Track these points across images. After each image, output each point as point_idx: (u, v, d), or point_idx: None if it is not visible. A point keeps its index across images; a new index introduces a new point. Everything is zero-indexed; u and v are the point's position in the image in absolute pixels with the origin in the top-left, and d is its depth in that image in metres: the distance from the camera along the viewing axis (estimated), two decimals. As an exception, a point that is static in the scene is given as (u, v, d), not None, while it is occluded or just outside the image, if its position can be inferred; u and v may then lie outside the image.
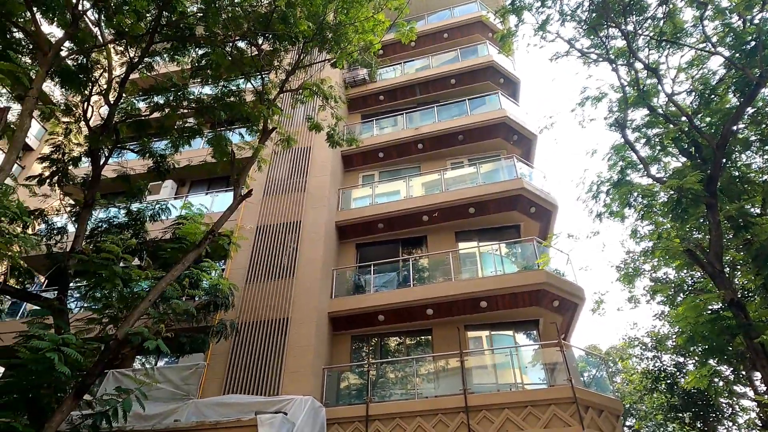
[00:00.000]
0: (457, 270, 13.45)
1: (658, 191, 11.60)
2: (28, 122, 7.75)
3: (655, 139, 12.60)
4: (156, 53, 11.04)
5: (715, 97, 11.40)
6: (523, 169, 15.10)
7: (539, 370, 11.76)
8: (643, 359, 23.57)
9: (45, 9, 9.53)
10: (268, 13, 9.80)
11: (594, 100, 13.54)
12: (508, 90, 18.59)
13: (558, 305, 12.47)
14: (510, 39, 13.62)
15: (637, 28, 12.14)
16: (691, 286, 16.24)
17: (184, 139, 10.96)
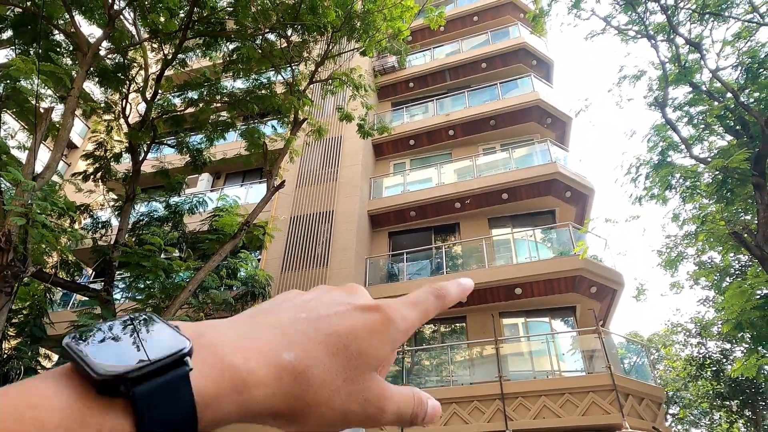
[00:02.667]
0: (491, 257, 13.33)
1: (701, 172, 11.12)
2: (71, 121, 8.07)
3: (698, 117, 12.04)
4: (189, 49, 11.27)
5: (764, 71, 10.78)
6: (558, 152, 14.74)
7: (577, 358, 11.59)
8: (687, 346, 22.89)
9: (83, 10, 9.88)
10: (297, 3, 9.83)
11: (632, 79, 13.02)
12: (540, 72, 18.12)
13: (595, 291, 12.21)
14: (542, 19, 13.24)
15: (678, 1, 11.58)
16: (738, 270, 15.59)
17: (219, 133, 11.20)
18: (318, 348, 0.35)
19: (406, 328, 0.40)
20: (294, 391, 0.33)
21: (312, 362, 0.34)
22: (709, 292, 18.75)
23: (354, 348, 0.36)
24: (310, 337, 0.35)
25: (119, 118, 11.11)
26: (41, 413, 0.24)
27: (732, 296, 9.48)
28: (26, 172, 6.80)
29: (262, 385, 0.31)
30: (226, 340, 0.32)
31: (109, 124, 11.38)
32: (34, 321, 9.60)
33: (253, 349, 0.32)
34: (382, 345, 0.38)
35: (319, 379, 0.34)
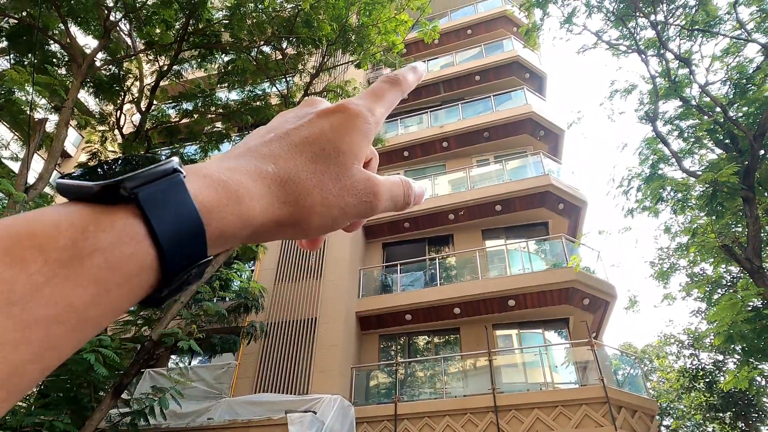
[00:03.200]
0: (485, 268, 13.36)
1: (692, 185, 11.24)
2: (65, 132, 8.07)
3: (689, 131, 12.21)
4: (184, 60, 11.34)
5: (752, 86, 10.97)
6: (551, 165, 14.87)
7: (570, 369, 11.60)
8: (680, 357, 22.95)
9: (79, 21, 9.92)
10: (292, 17, 9.93)
11: (623, 93, 13.20)
12: (533, 85, 18.31)
13: (588, 303, 12.25)
14: (535, 33, 13.41)
15: (667, 17, 11.78)
16: (729, 282, 15.70)
17: (213, 144, 11.22)
18: (296, 157, 0.36)
19: (375, 119, 0.42)
20: (288, 197, 0.34)
21: (295, 169, 0.35)
22: (702, 304, 18.85)
23: (330, 148, 0.37)
24: (285, 150, 0.36)
25: (114, 129, 11.12)
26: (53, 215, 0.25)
27: (723, 309, 9.54)
28: (19, 183, 6.79)
29: (257, 197, 0.32)
30: (212, 167, 0.33)
31: (104, 135, 11.38)
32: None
33: (237, 170, 0.33)
34: (357, 139, 0.39)
35: (308, 183, 0.35)
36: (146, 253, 0.26)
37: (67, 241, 0.24)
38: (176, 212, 0.28)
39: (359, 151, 0.39)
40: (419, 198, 0.46)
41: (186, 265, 0.28)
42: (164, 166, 0.29)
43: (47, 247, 0.23)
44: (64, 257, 0.23)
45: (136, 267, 0.26)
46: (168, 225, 0.27)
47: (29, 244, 0.23)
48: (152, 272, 0.27)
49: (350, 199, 0.38)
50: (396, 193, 0.42)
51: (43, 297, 0.22)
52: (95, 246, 0.24)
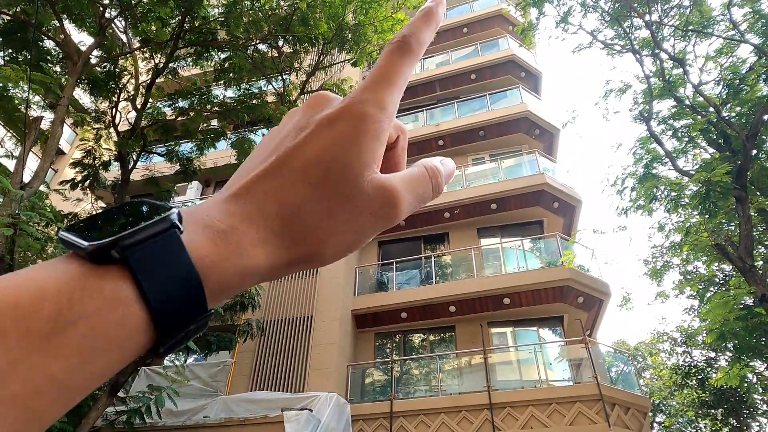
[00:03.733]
0: (480, 266, 13.42)
1: (685, 184, 11.34)
2: (60, 130, 8.05)
3: (682, 130, 12.31)
4: (180, 58, 11.30)
5: (745, 87, 11.07)
6: (546, 163, 14.94)
7: (564, 367, 11.69)
8: (672, 354, 23.16)
9: (74, 18, 9.87)
10: (289, 15, 9.92)
11: (618, 92, 13.29)
12: (529, 84, 18.38)
13: (583, 301, 12.34)
14: (531, 32, 13.47)
15: (662, 17, 11.86)
16: (722, 280, 15.85)
17: (209, 142, 11.20)
18: (299, 187, 0.33)
19: (386, 113, 0.36)
20: (294, 237, 0.32)
21: (299, 202, 0.32)
22: (694, 302, 19.02)
23: (336, 167, 0.33)
24: (287, 180, 0.33)
25: (109, 127, 11.08)
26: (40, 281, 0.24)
27: (715, 307, 9.65)
28: (14, 181, 6.76)
29: (260, 243, 0.30)
30: (213, 213, 0.31)
31: (99, 132, 11.33)
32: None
33: (237, 214, 0.31)
34: (367, 146, 0.34)
35: (314, 216, 0.32)
36: (137, 317, 0.25)
37: (51, 311, 0.23)
38: (171, 272, 0.26)
39: (371, 157, 0.35)
40: (450, 177, 0.42)
41: (183, 324, 0.27)
42: (160, 225, 0.27)
43: (30, 318, 0.22)
44: (47, 329, 0.23)
45: (124, 333, 0.25)
46: (160, 286, 0.26)
47: (11, 315, 0.22)
48: (145, 334, 0.26)
49: (365, 220, 0.34)
50: (421, 192, 0.38)
51: (22, 372, 0.22)
52: (80, 314, 0.24)
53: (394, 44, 0.39)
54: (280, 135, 0.37)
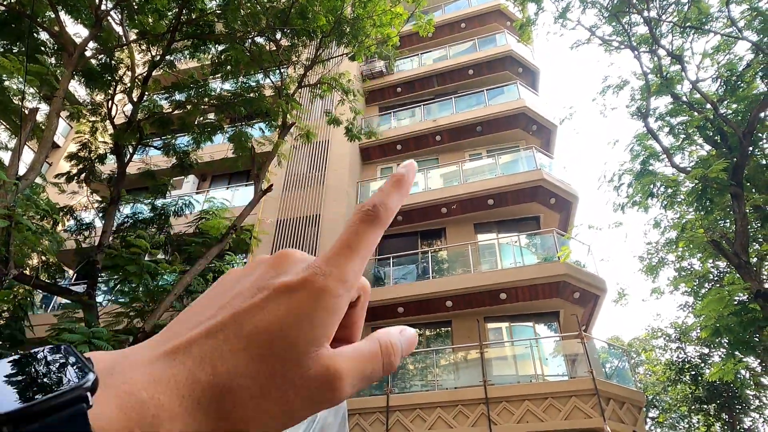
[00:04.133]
0: (477, 262, 13.45)
1: (682, 181, 11.39)
2: (56, 122, 7.98)
3: (679, 127, 12.36)
4: (177, 51, 11.21)
5: (742, 84, 11.11)
6: (543, 159, 14.95)
7: (560, 362, 11.76)
8: (666, 350, 23.31)
9: (70, 9, 9.77)
10: (287, 8, 9.86)
11: (616, 89, 13.32)
12: (526, 79, 18.36)
13: (579, 297, 12.39)
14: (529, 28, 13.47)
15: (660, 14, 11.87)
16: (717, 276, 15.96)
17: (206, 136, 11.15)
18: (239, 356, 0.30)
19: (347, 285, 0.34)
20: (219, 413, 0.29)
21: (234, 374, 0.29)
22: (689, 298, 19.14)
23: (281, 343, 0.31)
24: (229, 346, 0.30)
25: (105, 120, 11.00)
26: None
27: (710, 302, 9.73)
28: (10, 173, 6.70)
29: (179, 418, 0.27)
30: (139, 371, 0.28)
31: (94, 125, 11.25)
32: (15, 324, 9.43)
33: (162, 381, 0.28)
34: (321, 322, 0.32)
35: (247, 391, 0.29)
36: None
37: None
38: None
39: (322, 332, 0.32)
40: (410, 349, 0.38)
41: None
42: (67, 396, 0.24)
43: None
44: None
45: None
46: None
47: None
48: None
49: (299, 401, 0.31)
50: (369, 372, 0.34)
51: None
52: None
53: (363, 213, 0.37)
54: (235, 289, 0.34)
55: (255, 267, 0.36)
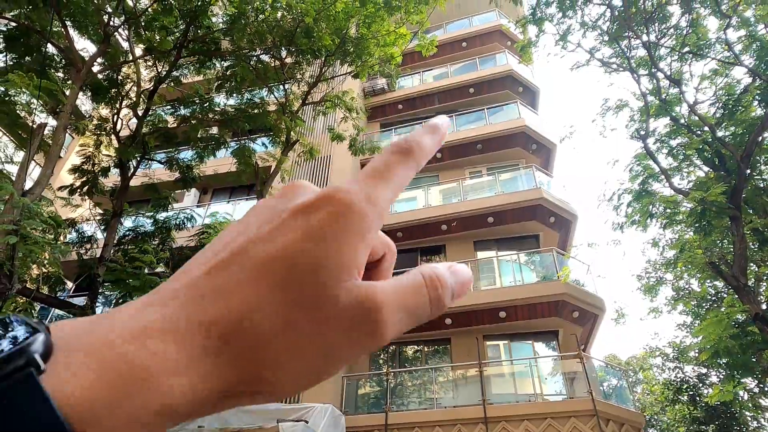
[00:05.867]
0: (476, 279, 13.48)
1: (680, 201, 11.49)
2: (63, 136, 8.06)
3: (678, 149, 12.49)
4: (182, 66, 11.36)
5: (740, 107, 11.27)
6: (542, 178, 15.08)
7: (559, 381, 11.73)
8: (664, 370, 23.24)
9: (78, 26, 9.92)
10: (293, 28, 10.02)
11: (615, 110, 13.48)
12: (526, 99, 18.57)
13: (578, 316, 12.41)
14: (530, 49, 13.66)
15: (659, 37, 12.07)
16: (714, 297, 15.99)
17: (209, 150, 11.24)
18: (251, 287, 0.25)
19: (377, 210, 0.29)
20: (236, 355, 0.24)
21: (249, 308, 0.24)
22: (687, 318, 19.15)
23: (306, 264, 0.25)
24: (237, 277, 0.25)
25: (110, 134, 11.10)
26: None
27: (709, 324, 9.75)
28: (17, 188, 6.76)
29: (182, 370, 0.22)
30: (124, 323, 0.23)
31: (99, 139, 11.34)
32: (14, 337, 9.39)
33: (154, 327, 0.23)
34: (349, 244, 0.27)
35: (267, 326, 0.24)
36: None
37: None
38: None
39: (352, 258, 0.27)
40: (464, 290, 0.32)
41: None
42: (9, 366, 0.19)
43: None
44: None
45: None
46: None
47: None
48: None
49: (336, 337, 0.26)
50: (413, 308, 0.28)
51: None
52: None
53: (396, 146, 0.33)
54: (243, 224, 0.29)
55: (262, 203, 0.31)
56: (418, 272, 0.30)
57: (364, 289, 0.26)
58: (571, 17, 12.60)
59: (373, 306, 0.26)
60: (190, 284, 0.25)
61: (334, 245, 0.26)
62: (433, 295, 0.29)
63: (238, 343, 0.24)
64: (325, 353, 0.25)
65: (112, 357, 0.21)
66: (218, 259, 0.26)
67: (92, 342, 0.22)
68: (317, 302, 0.25)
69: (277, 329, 0.24)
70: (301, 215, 0.27)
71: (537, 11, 12.47)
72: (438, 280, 0.30)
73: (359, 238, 0.27)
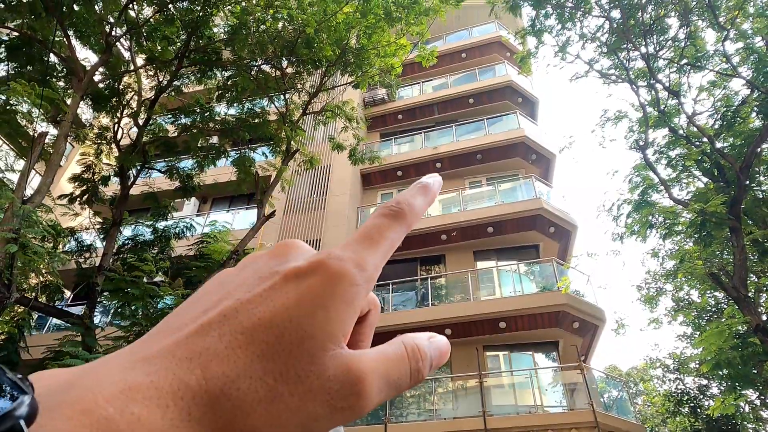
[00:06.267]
0: (476, 289, 13.45)
1: (680, 212, 11.50)
2: (64, 145, 8.07)
3: (677, 159, 12.53)
4: (183, 75, 11.41)
5: (738, 119, 11.32)
6: (542, 188, 15.11)
7: (559, 392, 11.66)
8: (665, 381, 23.09)
9: (80, 35, 9.97)
10: (294, 38, 10.08)
11: (614, 120, 13.54)
12: (526, 109, 18.66)
13: (578, 327, 12.37)
14: (529, 60, 13.75)
15: (657, 49, 12.16)
16: (714, 307, 15.94)
17: (209, 159, 11.25)
18: (239, 354, 0.25)
19: (366, 275, 0.29)
20: (219, 426, 0.23)
21: (232, 375, 0.24)
22: (687, 329, 19.08)
23: (292, 334, 0.26)
24: (225, 342, 0.25)
25: (111, 143, 11.11)
26: None
27: (710, 336, 9.71)
28: (17, 196, 6.76)
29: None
30: (105, 383, 0.22)
31: (99, 147, 11.35)
32: (12, 345, 9.34)
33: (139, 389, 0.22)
34: (338, 312, 0.27)
35: (252, 395, 0.24)
36: None
37: None
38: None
39: (340, 326, 0.27)
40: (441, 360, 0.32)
41: None
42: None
43: None
44: None
45: None
46: None
47: None
48: None
49: (318, 409, 0.25)
50: (395, 378, 0.29)
51: None
52: None
53: (386, 208, 0.33)
54: (234, 282, 0.29)
55: (253, 260, 0.31)
56: (400, 343, 0.30)
57: (348, 358, 0.27)
58: (570, 29, 12.70)
59: (357, 377, 0.26)
60: (179, 343, 0.25)
61: (323, 313, 0.27)
62: (413, 366, 0.30)
63: (221, 410, 0.23)
64: (304, 424, 0.25)
65: (92, 422, 0.20)
66: (208, 318, 0.26)
67: (75, 401, 0.21)
68: (303, 375, 0.25)
69: (261, 399, 0.24)
70: (293, 280, 0.27)
71: (536, 23, 12.57)
72: (419, 351, 0.30)
73: (348, 305, 0.28)
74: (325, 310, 0.27)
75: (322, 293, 0.27)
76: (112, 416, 0.21)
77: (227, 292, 0.28)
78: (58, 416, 0.21)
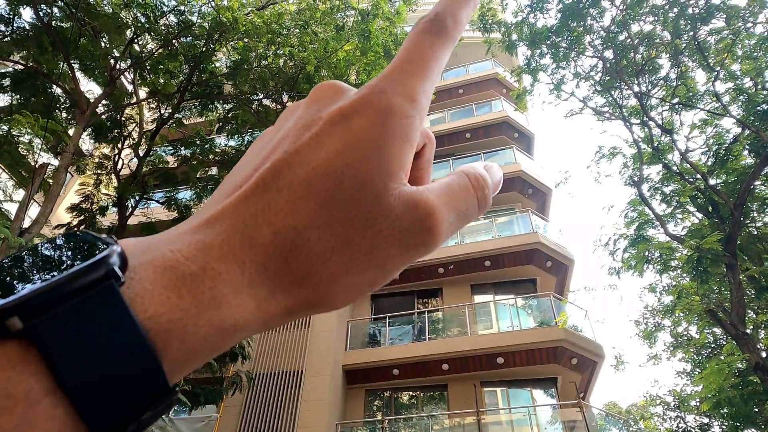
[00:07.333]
0: (473, 323, 13.33)
1: (676, 247, 11.55)
2: (64, 177, 8.13)
3: (672, 195, 12.66)
4: (185, 108, 11.59)
5: (730, 156, 11.51)
6: (539, 222, 15.18)
7: (558, 429, 11.42)
8: (665, 419, 22.67)
9: (85, 68, 10.18)
10: (294, 74, 10.31)
11: (608, 156, 13.74)
12: (522, 144, 18.93)
13: (576, 363, 12.21)
14: (525, 97, 14.04)
15: (649, 88, 12.46)
16: (713, 344, 15.82)
17: (208, 191, 11.32)
18: (300, 205, 0.24)
19: (417, 106, 0.27)
20: (294, 275, 0.24)
21: (301, 227, 0.24)
22: (687, 365, 18.87)
23: (353, 179, 0.25)
24: (283, 196, 0.24)
25: (110, 173, 11.19)
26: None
27: (710, 373, 9.61)
28: (14, 227, 6.76)
29: (245, 290, 0.22)
30: (183, 242, 0.22)
31: (98, 178, 11.43)
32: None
33: (213, 248, 0.22)
34: (394, 150, 0.26)
35: (321, 245, 0.24)
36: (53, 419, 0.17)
37: None
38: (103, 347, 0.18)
39: (398, 163, 0.26)
40: (497, 187, 0.32)
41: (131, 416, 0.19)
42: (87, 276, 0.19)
43: None
44: None
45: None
46: (87, 371, 0.18)
47: None
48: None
49: (391, 249, 0.25)
50: (464, 208, 0.28)
51: None
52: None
53: (426, 23, 0.30)
54: (276, 137, 0.28)
55: (293, 110, 0.30)
56: (463, 174, 0.30)
57: (416, 194, 0.26)
58: (564, 68, 13.03)
59: (426, 212, 0.26)
60: (238, 204, 0.24)
61: (378, 154, 0.25)
62: (480, 195, 0.30)
63: (296, 261, 0.24)
64: (380, 265, 0.25)
65: (181, 275, 0.21)
66: (259, 176, 0.25)
67: (157, 258, 0.21)
68: (369, 216, 0.25)
69: (334, 246, 0.24)
70: (339, 123, 0.26)
71: (531, 62, 12.90)
72: (482, 179, 0.30)
73: (403, 140, 0.26)
74: (381, 150, 0.25)
75: (373, 132, 0.26)
76: (196, 272, 0.21)
77: (273, 147, 0.27)
78: (146, 268, 0.21)
